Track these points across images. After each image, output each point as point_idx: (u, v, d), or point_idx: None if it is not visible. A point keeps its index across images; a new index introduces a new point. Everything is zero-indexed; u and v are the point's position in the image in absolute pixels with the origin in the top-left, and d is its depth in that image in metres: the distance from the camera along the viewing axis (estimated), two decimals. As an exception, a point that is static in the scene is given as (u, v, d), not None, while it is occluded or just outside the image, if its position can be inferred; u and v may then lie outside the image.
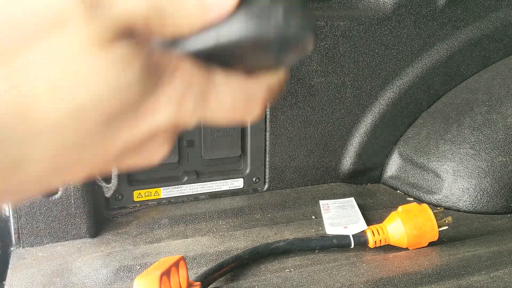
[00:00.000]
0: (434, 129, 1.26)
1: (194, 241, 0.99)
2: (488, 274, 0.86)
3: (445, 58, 1.26)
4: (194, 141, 1.12)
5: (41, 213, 0.96)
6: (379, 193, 1.25)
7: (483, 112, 1.22)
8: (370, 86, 1.22)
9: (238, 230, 1.04)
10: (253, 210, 1.12)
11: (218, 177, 1.15)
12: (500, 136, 1.17)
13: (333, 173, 1.26)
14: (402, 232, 0.94)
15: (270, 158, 1.18)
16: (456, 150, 1.19)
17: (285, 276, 0.86)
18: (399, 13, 1.18)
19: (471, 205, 1.15)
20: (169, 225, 1.04)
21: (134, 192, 1.09)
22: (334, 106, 1.20)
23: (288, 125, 1.17)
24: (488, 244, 0.98)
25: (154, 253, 0.94)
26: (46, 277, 0.87)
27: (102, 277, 0.87)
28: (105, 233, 1.02)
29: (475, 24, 1.27)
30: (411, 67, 1.24)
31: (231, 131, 1.12)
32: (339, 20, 1.14)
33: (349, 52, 1.17)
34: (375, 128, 1.25)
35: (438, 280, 0.84)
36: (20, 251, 0.96)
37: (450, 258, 0.92)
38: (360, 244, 0.96)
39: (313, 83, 1.16)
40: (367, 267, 0.89)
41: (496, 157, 1.15)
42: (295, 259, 0.93)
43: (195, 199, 1.15)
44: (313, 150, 1.22)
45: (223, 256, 0.92)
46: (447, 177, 1.18)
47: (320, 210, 1.12)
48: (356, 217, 1.07)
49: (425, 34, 1.22)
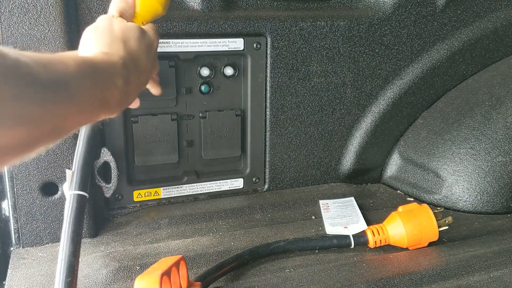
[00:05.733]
0: (434, 129, 1.26)
1: (194, 241, 0.99)
2: (488, 274, 0.86)
3: (445, 58, 1.26)
4: (194, 141, 1.12)
5: (41, 213, 0.96)
6: (379, 193, 1.25)
7: (483, 112, 1.22)
8: (370, 86, 1.22)
9: (238, 230, 1.04)
10: (253, 210, 1.12)
11: (218, 177, 1.15)
12: (500, 136, 1.17)
13: (333, 173, 1.26)
14: (402, 232, 0.94)
15: (270, 158, 1.18)
16: (456, 150, 1.19)
17: (285, 276, 0.86)
18: (399, 13, 1.18)
19: (471, 205, 1.15)
20: (169, 225, 1.04)
21: (134, 192, 1.09)
22: (334, 106, 1.20)
23: (288, 125, 1.17)
24: (488, 244, 0.98)
25: (154, 253, 0.94)
26: (46, 277, 0.87)
27: (102, 277, 0.87)
28: (105, 233, 1.02)
29: (475, 24, 1.27)
30: (411, 67, 1.24)
31: (231, 131, 1.12)
32: (339, 20, 1.14)
33: (349, 52, 1.17)
34: (375, 128, 1.25)
35: (438, 280, 0.84)
36: (20, 251, 0.96)
37: (450, 258, 0.92)
38: (360, 244, 0.96)
39: (313, 83, 1.16)
40: (367, 267, 0.89)
41: (496, 157, 1.15)
42: (295, 259, 0.93)
43: (195, 199, 1.15)
44: (313, 150, 1.22)
45: (223, 256, 0.92)
46: (447, 177, 1.18)
47: (320, 209, 1.12)
48: (356, 217, 1.07)
49: (425, 34, 1.22)
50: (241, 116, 1.13)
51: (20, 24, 0.87)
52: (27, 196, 0.94)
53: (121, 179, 1.05)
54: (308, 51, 1.13)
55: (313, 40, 1.12)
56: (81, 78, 0.54)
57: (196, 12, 1.03)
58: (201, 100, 1.10)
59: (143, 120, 1.05)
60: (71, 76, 0.52)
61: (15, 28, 0.87)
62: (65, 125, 0.53)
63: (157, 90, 1.00)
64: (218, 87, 1.10)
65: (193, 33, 1.03)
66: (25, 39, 0.88)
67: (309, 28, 1.11)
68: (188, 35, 1.03)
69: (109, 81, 0.62)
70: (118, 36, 0.72)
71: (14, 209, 0.95)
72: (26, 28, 0.88)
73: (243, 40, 1.07)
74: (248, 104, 1.12)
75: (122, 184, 1.07)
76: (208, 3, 1.04)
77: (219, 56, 1.08)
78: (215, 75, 1.09)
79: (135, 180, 1.09)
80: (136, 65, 0.71)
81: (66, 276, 0.71)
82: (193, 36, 1.03)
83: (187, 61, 1.05)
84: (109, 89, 0.61)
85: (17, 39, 0.88)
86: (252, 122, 1.14)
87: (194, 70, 1.07)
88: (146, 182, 1.10)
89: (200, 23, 1.03)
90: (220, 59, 1.08)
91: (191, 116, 1.10)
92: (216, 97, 1.11)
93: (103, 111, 0.61)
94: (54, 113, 0.49)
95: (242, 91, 1.12)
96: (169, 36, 1.01)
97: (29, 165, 0.93)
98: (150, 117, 1.05)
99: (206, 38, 1.04)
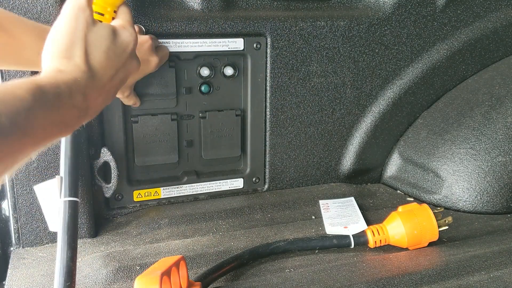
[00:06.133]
0: (434, 129, 1.26)
1: (194, 241, 0.99)
2: (488, 274, 0.85)
3: (445, 58, 1.26)
4: (194, 141, 1.12)
5: (41, 213, 0.96)
6: (379, 193, 1.25)
7: (483, 112, 1.22)
8: (370, 86, 1.22)
9: (238, 230, 1.04)
10: (253, 210, 1.12)
11: (218, 177, 1.15)
12: (500, 136, 1.17)
13: (333, 173, 1.26)
14: (402, 232, 0.94)
15: (270, 158, 1.18)
16: (456, 150, 1.19)
17: (285, 276, 0.86)
18: (399, 13, 1.18)
19: (471, 205, 1.15)
20: (169, 225, 1.04)
21: (134, 192, 1.09)
22: (334, 106, 1.20)
23: (288, 125, 1.17)
24: (488, 244, 0.98)
25: (154, 253, 0.94)
26: (46, 277, 0.87)
27: (102, 277, 0.87)
28: (105, 233, 1.02)
29: (475, 24, 1.27)
30: (411, 67, 1.24)
31: (231, 131, 1.12)
32: (339, 20, 1.14)
33: (349, 52, 1.17)
34: (375, 128, 1.25)
35: (438, 280, 0.83)
36: (20, 251, 0.96)
37: (450, 258, 0.92)
38: (360, 244, 0.96)
39: (313, 83, 1.16)
40: (367, 267, 0.89)
41: (496, 157, 1.15)
42: (295, 259, 0.93)
43: (195, 199, 1.15)
44: (313, 150, 1.22)
45: (223, 256, 0.92)
46: (447, 177, 1.18)
47: (320, 209, 1.12)
48: (356, 217, 1.07)
49: (425, 34, 1.22)
50: (241, 116, 1.13)
51: (20, 24, 0.87)
52: (27, 196, 0.94)
53: (121, 179, 1.05)
54: (308, 51, 1.13)
55: (313, 40, 1.12)
56: (36, 108, 0.51)
57: (196, 12, 1.03)
58: (201, 100, 1.10)
59: (143, 120, 1.05)
60: (24, 110, 0.49)
61: (15, 28, 0.87)
62: (19, 159, 0.51)
63: (132, 101, 0.97)
64: (218, 87, 1.10)
65: (193, 33, 1.03)
66: (25, 39, 0.88)
67: (309, 28, 1.11)
68: (188, 35, 1.03)
69: (66, 102, 0.57)
70: (80, 40, 0.65)
71: (14, 209, 0.95)
72: (26, 28, 0.88)
73: (243, 40, 1.07)
74: (248, 104, 1.12)
75: (122, 184, 1.07)
76: (208, 3, 1.04)
77: (219, 56, 1.08)
78: (215, 75, 1.09)
79: (135, 180, 1.09)
80: (99, 77, 0.65)
81: (65, 280, 0.73)
82: (193, 36, 1.03)
83: (187, 61, 1.05)
84: (67, 110, 0.57)
85: (17, 39, 0.88)
86: (252, 122, 1.14)
87: (194, 70, 1.07)
88: (146, 182, 1.10)
89: (200, 23, 1.03)
90: (220, 59, 1.08)
91: (191, 116, 1.10)
92: (216, 97, 1.11)
93: (62, 132, 0.59)
94: (3, 157, 0.47)
95: (242, 91, 1.12)
96: (169, 36, 1.01)
97: (29, 165, 0.93)
98: (150, 117, 1.05)
99: (206, 38, 1.04)
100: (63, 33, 0.64)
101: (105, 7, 0.75)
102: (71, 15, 0.65)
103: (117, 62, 0.69)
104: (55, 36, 0.65)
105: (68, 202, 0.80)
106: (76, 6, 0.66)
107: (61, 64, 0.62)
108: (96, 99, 0.64)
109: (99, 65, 0.65)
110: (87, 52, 0.64)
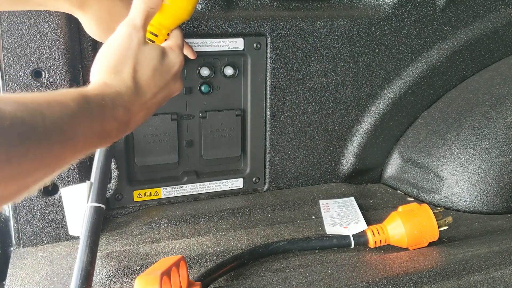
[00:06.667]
0: (434, 129, 1.26)
1: (194, 241, 0.99)
2: (488, 274, 0.85)
3: (445, 58, 1.26)
4: (194, 141, 1.12)
5: (41, 213, 0.96)
6: (379, 193, 1.25)
7: (483, 112, 1.22)
8: (370, 86, 1.22)
9: (238, 230, 1.04)
10: (253, 210, 1.12)
11: (218, 177, 1.15)
12: (500, 136, 1.17)
13: (333, 173, 1.26)
14: (402, 232, 0.94)
15: (270, 158, 1.18)
16: (456, 150, 1.19)
17: (285, 276, 0.86)
18: (399, 13, 1.18)
19: (471, 205, 1.15)
20: (169, 225, 1.04)
21: (134, 192, 1.09)
22: (334, 106, 1.20)
23: (288, 125, 1.17)
24: (488, 244, 0.98)
25: (154, 253, 0.94)
26: (46, 277, 0.87)
27: (102, 277, 0.86)
28: (105, 233, 1.01)
29: (475, 24, 1.27)
30: (411, 67, 1.24)
31: (231, 131, 1.12)
32: (339, 20, 1.14)
33: (349, 52, 1.17)
34: (375, 128, 1.25)
35: (438, 280, 0.83)
36: (20, 251, 0.96)
37: (450, 258, 0.92)
38: (360, 244, 0.96)
39: (313, 83, 1.16)
40: (367, 267, 0.89)
41: (496, 157, 1.15)
42: (295, 259, 0.93)
43: (195, 199, 1.15)
44: (313, 150, 1.22)
45: (223, 256, 0.92)
46: (447, 177, 1.18)
47: (320, 209, 1.12)
48: (356, 217, 1.07)
49: (425, 34, 1.22)
50: (241, 116, 1.13)
51: (20, 24, 0.87)
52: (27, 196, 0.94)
53: (121, 179, 1.05)
54: (308, 51, 1.13)
55: (313, 40, 1.12)
56: (79, 116, 0.53)
57: (196, 12, 1.03)
58: (201, 100, 1.10)
59: (143, 120, 1.05)
60: (67, 116, 0.51)
61: (15, 28, 0.87)
62: (60, 165, 0.52)
63: None
64: (218, 87, 1.10)
65: (193, 33, 1.03)
66: (25, 39, 0.88)
67: (309, 28, 1.11)
68: (188, 35, 1.03)
69: (108, 114, 0.60)
70: (130, 58, 0.69)
71: (14, 209, 0.95)
72: (26, 28, 0.88)
73: (243, 40, 1.07)
74: (248, 104, 1.12)
75: (122, 184, 1.07)
76: (208, 3, 1.04)
77: (219, 56, 1.08)
78: (215, 75, 1.09)
79: (135, 180, 1.09)
80: (142, 93, 0.69)
81: (82, 283, 0.75)
82: (193, 36, 1.03)
83: (187, 61, 1.05)
84: (108, 121, 0.60)
85: (17, 39, 0.88)
86: (252, 122, 1.14)
87: (194, 70, 1.07)
88: (146, 182, 1.10)
89: (200, 23, 1.03)
90: (220, 59, 1.08)
91: (191, 116, 1.10)
92: (216, 97, 1.11)
93: (102, 142, 0.61)
94: (46, 162, 0.49)
95: (242, 91, 1.12)
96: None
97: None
98: (150, 117, 1.05)
99: (206, 38, 1.04)
100: (115, 50, 0.69)
101: (160, 29, 0.79)
102: (126, 34, 0.70)
103: (161, 81, 0.73)
104: (107, 51, 0.69)
105: (94, 207, 0.81)
106: (131, 26, 0.71)
107: (108, 78, 0.66)
108: (137, 114, 0.68)
109: (144, 83, 0.69)
110: (135, 69, 0.69)
